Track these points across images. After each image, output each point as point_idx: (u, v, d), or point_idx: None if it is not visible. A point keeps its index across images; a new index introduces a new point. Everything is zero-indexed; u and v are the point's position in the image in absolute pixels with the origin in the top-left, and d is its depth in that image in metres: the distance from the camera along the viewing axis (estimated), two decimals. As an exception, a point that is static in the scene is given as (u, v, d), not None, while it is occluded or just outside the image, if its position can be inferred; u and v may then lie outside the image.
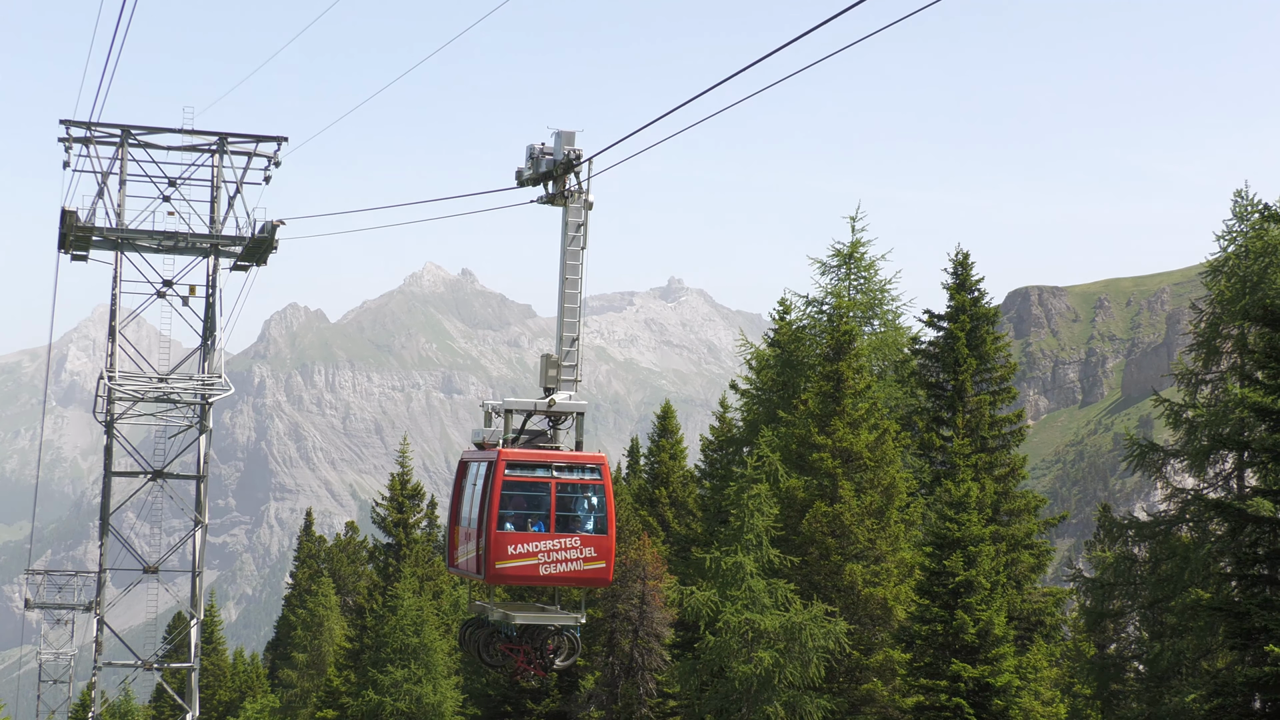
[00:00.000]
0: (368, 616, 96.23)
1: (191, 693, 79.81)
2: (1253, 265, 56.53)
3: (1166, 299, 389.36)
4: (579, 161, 41.54)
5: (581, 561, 41.33)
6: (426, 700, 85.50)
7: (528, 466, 41.45)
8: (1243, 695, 43.85)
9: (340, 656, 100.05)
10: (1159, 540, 58.28)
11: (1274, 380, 45.10)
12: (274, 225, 76.14)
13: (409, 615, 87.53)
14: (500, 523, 40.55)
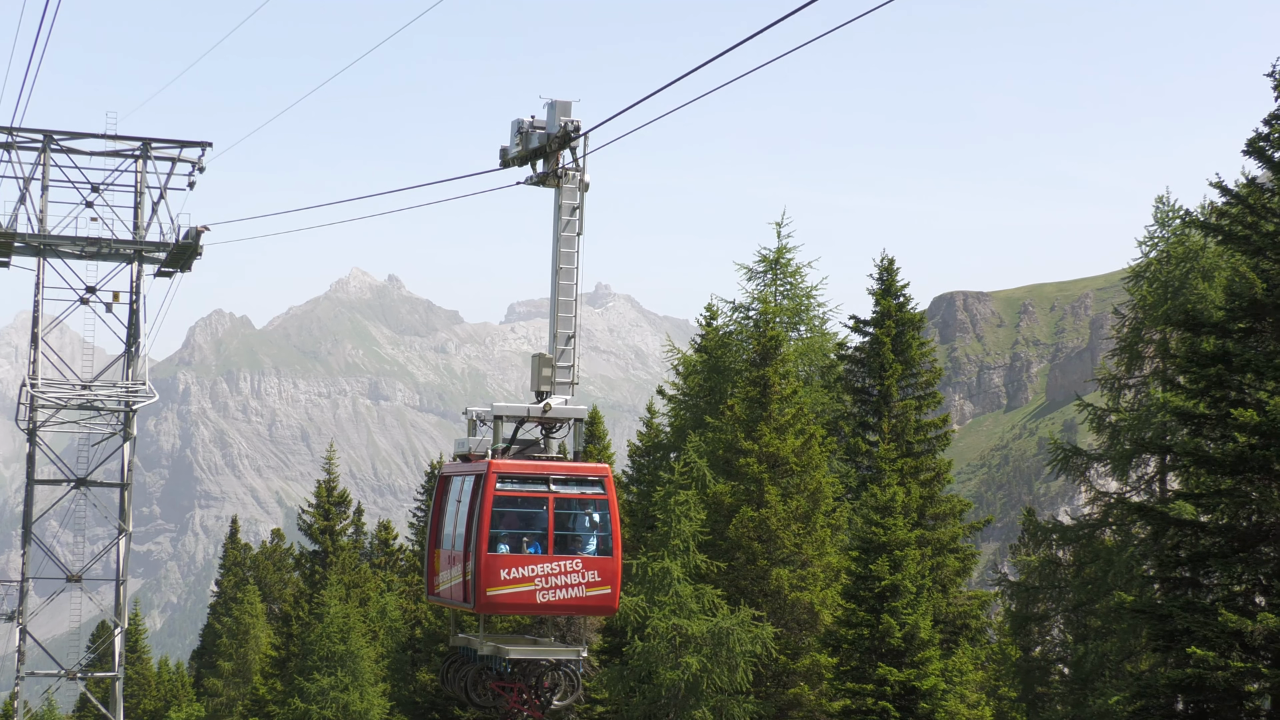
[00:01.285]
0: (294, 624, 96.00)
1: (116, 702, 79.41)
2: (1174, 271, 57.10)
3: (1090, 304, 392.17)
4: (577, 134, 37.39)
5: (584, 587, 36.52)
6: (354, 708, 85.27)
7: (522, 480, 36.77)
8: (1166, 697, 44.21)
9: (266, 665, 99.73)
10: (1083, 544, 58.79)
11: (1196, 385, 45.48)
12: (198, 231, 75.98)
13: (336, 623, 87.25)
14: (492, 544, 35.82)
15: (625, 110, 29.08)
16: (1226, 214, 47.20)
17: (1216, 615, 42.03)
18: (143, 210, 79.48)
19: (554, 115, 37.33)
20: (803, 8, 22.14)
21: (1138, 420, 56.30)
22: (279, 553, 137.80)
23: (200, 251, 77.19)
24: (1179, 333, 50.47)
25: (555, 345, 38.38)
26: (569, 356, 38.67)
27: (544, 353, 38.71)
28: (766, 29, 23.68)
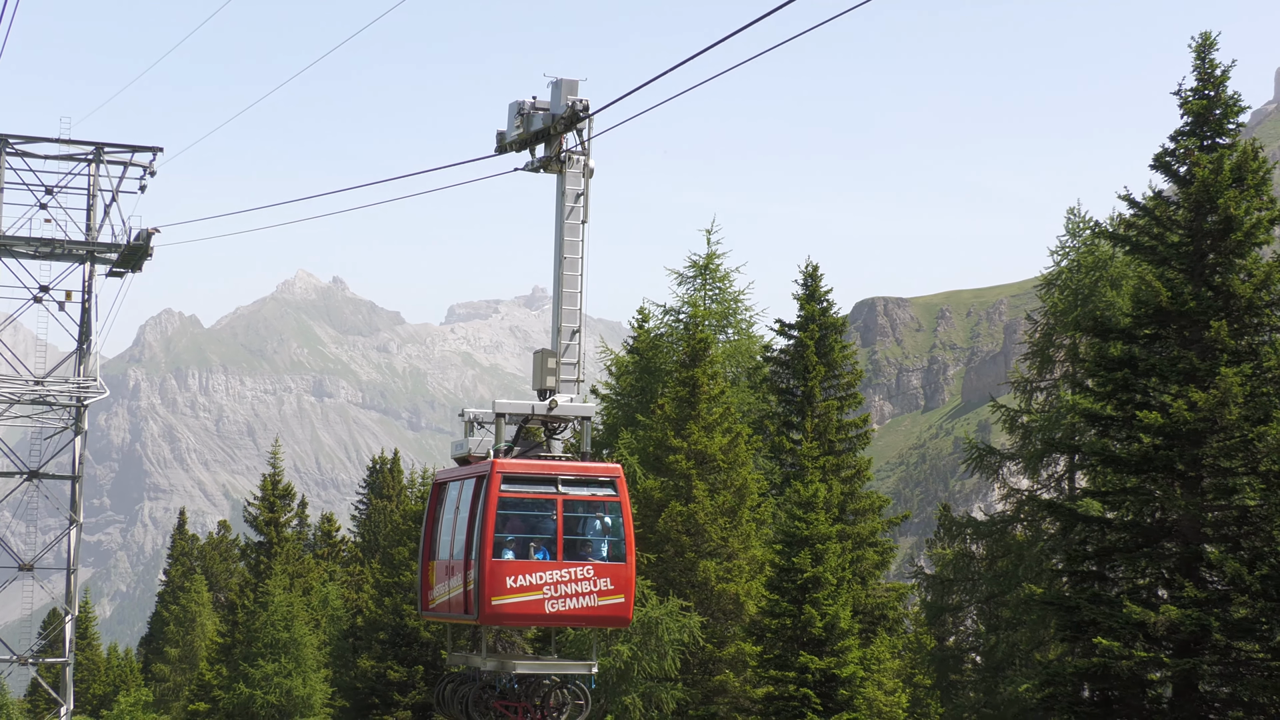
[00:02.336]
0: (239, 612, 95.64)
1: (66, 687, 78.86)
2: (1084, 279, 57.47)
3: (1004, 310, 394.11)
4: (585, 114, 33.34)
5: (595, 596, 31.99)
6: (296, 693, 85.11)
7: (528, 481, 32.46)
8: (1072, 685, 44.50)
9: (212, 651, 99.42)
10: (995, 538, 59.10)
11: (1103, 388, 45.82)
12: (149, 233, 75.60)
13: (280, 611, 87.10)
14: (497, 549, 31.47)
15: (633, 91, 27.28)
16: (1134, 225, 47.50)
17: (1121, 607, 42.35)
18: (95, 212, 79.05)
19: (559, 95, 33.74)
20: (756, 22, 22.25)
21: (1048, 421, 56.63)
22: (225, 543, 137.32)
23: (151, 253, 76.84)
24: (1088, 338, 50.83)
25: (559, 340, 34.43)
26: (574, 352, 34.52)
27: (546, 348, 34.73)
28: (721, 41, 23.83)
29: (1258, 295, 43.93)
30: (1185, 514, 43.44)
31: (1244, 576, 41.57)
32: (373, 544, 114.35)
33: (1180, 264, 44.92)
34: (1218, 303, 43.89)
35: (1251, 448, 42.77)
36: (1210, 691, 43.36)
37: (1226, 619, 41.43)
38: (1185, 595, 42.31)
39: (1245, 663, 42.34)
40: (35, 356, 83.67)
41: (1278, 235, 46.26)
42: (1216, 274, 44.43)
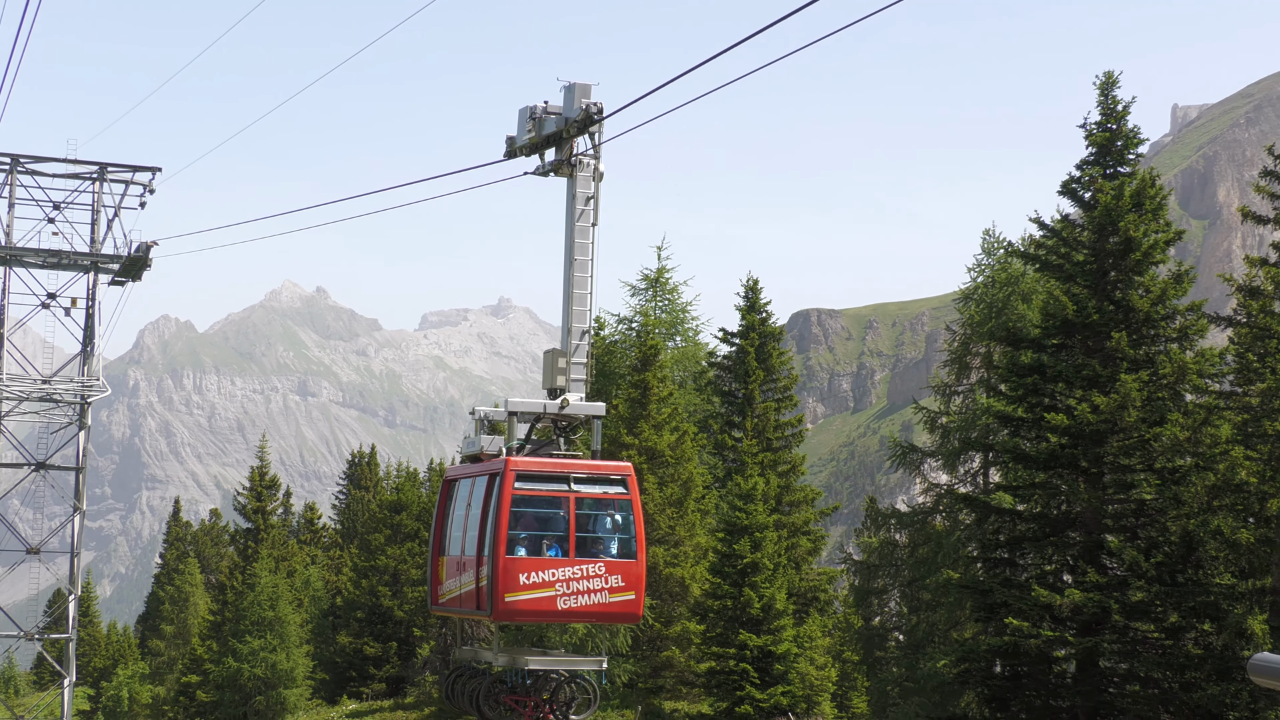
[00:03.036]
0: (229, 593, 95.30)
1: (69, 660, 78.50)
2: (998, 294, 57.61)
3: (926, 321, 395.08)
4: (600, 116, 30.85)
5: (607, 593, 29.68)
6: (281, 666, 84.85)
7: (541, 478, 30.05)
8: (985, 661, 44.65)
9: (204, 628, 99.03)
10: (916, 528, 59.15)
11: (1015, 392, 46.00)
12: (148, 245, 75.65)
13: (266, 591, 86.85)
14: (510, 546, 29.12)
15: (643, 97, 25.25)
16: (1043, 245, 47.70)
17: (1030, 591, 42.50)
18: (99, 226, 78.87)
19: (572, 98, 31.15)
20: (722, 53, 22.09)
21: (965, 422, 56.78)
22: (216, 530, 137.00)
23: (149, 263, 76.84)
24: (1001, 347, 50.96)
25: (570, 340, 31.95)
26: (583, 352, 32.28)
27: (556, 347, 32.43)
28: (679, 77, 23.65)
29: (1154, 309, 44.16)
30: (1088, 506, 43.65)
31: (1141, 563, 41.79)
32: (351, 531, 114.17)
33: (1085, 281, 45.12)
34: (1118, 316, 44.12)
35: (1148, 447, 43.02)
36: (1110, 668, 43.56)
37: (1125, 602, 41.63)
38: (1088, 580, 42.49)
39: (1142, 641, 42.56)
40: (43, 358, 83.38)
41: (1173, 255, 46.52)
42: (1117, 290, 44.66)
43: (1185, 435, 42.47)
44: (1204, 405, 43.27)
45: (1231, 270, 46.25)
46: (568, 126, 31.01)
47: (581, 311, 32.06)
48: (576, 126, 30.91)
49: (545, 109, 31.66)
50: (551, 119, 31.47)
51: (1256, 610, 39.65)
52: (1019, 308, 54.74)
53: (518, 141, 32.45)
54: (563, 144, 31.54)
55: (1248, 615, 39.26)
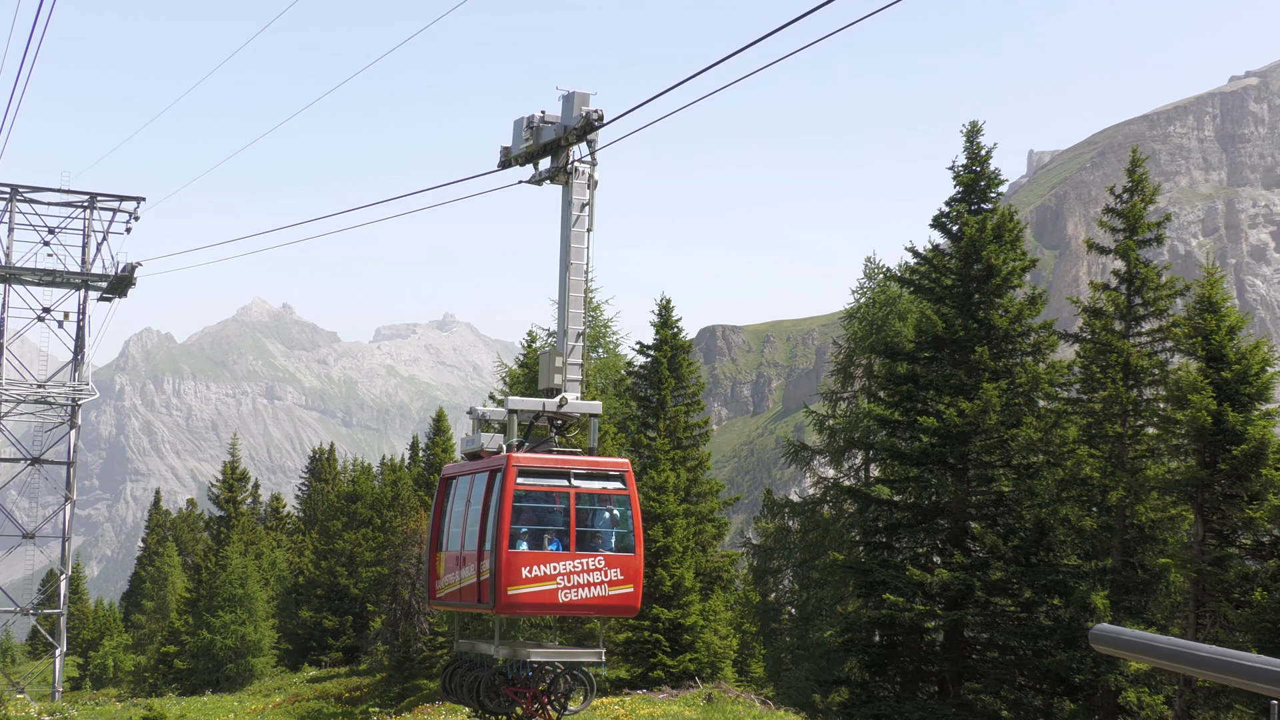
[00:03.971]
0: (203, 573, 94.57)
1: (60, 633, 77.84)
2: (878, 313, 57.91)
3: (816, 336, 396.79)
4: (600, 123, 28.11)
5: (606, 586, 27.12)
6: (249, 638, 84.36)
7: (542, 474, 27.27)
8: (866, 632, 44.87)
9: (181, 604, 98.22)
10: (807, 516, 59.37)
11: (892, 398, 46.31)
12: (133, 266, 75.61)
13: (236, 572, 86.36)
14: (512, 541, 26.57)
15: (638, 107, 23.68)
16: (917, 271, 48.01)
17: (905, 571, 42.75)
18: (89, 249, 78.68)
19: (571, 106, 28.43)
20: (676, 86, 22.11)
21: (849, 424, 57.04)
22: (192, 517, 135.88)
23: (134, 282, 76.77)
24: (880, 359, 51.29)
25: (566, 341, 29.16)
26: (578, 354, 29.54)
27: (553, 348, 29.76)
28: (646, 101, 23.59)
29: (1012, 327, 44.59)
30: (954, 497, 44.00)
31: (1000, 546, 42.16)
32: (312, 518, 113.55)
33: (952, 302, 45.49)
34: (981, 332, 44.50)
35: (1006, 446, 43.41)
36: (973, 637, 43.92)
37: (986, 580, 41.98)
38: (954, 561, 42.81)
39: (1000, 614, 42.93)
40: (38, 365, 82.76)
41: (1028, 280, 47.00)
42: (980, 310, 45.05)
43: (1038, 436, 42.93)
44: (1054, 410, 43.74)
45: (1078, 294, 46.76)
46: (566, 134, 28.55)
47: (577, 314, 29.48)
48: (576, 134, 28.47)
49: (543, 118, 29.18)
50: (548, 127, 29.00)
51: (1099, 587, 40.09)
52: (896, 325, 55.07)
53: (513, 151, 29.83)
54: (559, 152, 29.02)
55: (1091, 591, 39.68)
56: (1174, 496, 39.14)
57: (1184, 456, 38.95)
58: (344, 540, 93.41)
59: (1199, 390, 37.64)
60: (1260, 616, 34.69)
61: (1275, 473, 37.03)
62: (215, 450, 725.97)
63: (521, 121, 29.26)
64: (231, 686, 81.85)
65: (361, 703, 65.43)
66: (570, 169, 28.68)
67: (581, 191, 28.86)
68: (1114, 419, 41.15)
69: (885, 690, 43.97)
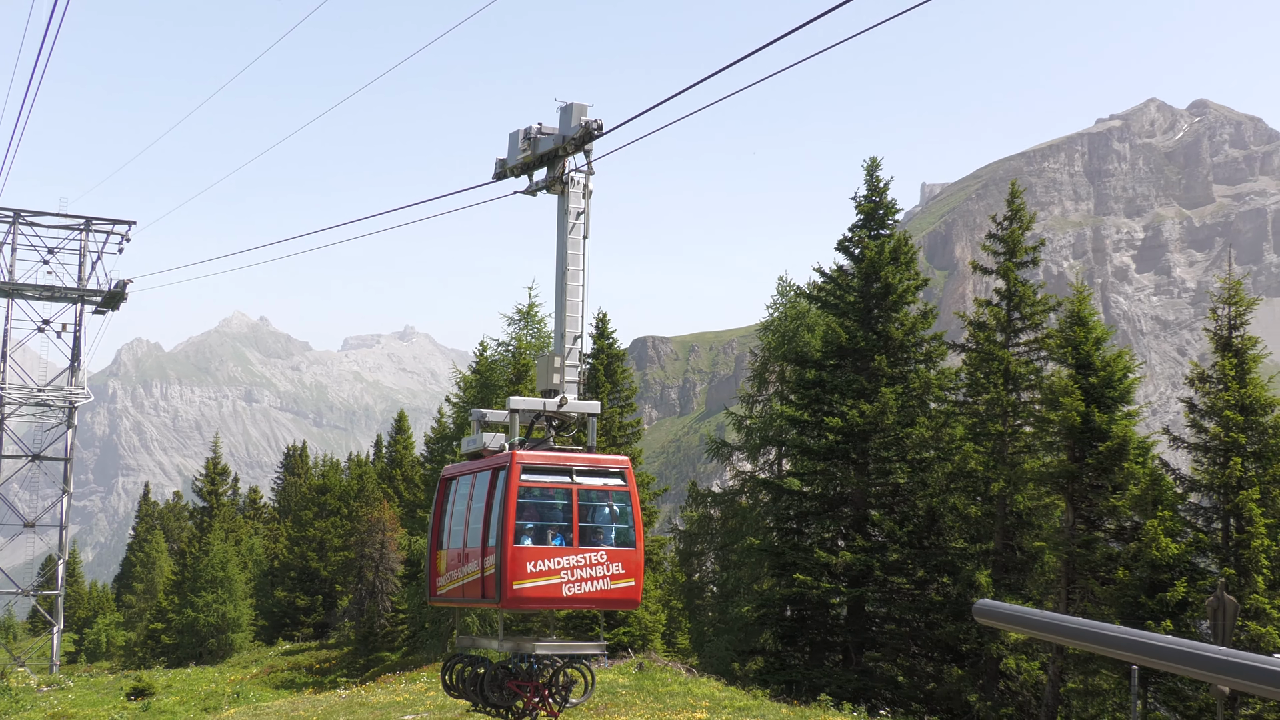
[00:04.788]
0: (187, 557, 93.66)
1: (58, 612, 76.97)
2: (789, 325, 58.12)
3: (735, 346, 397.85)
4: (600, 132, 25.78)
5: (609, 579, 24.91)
6: (229, 616, 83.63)
7: (545, 471, 24.94)
8: (779, 607, 44.99)
9: (167, 585, 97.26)
10: (727, 505, 59.49)
11: (801, 401, 46.45)
12: (124, 283, 75.37)
13: (217, 556, 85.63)
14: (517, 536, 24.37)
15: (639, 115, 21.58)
16: (824, 289, 48.20)
17: (813, 553, 42.89)
18: (85, 267, 78.08)
19: (569, 117, 26.04)
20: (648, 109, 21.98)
21: (764, 424, 57.22)
22: (178, 508, 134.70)
23: (126, 297, 76.53)
24: (791, 366, 51.46)
25: (564, 344, 26.83)
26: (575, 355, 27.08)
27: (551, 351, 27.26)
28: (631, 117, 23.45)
29: (907, 338, 44.86)
30: (856, 488, 44.19)
31: (896, 532, 42.38)
32: (286, 508, 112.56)
33: (854, 316, 45.72)
34: (880, 343, 44.73)
35: (902, 443, 43.67)
36: (873, 611, 44.10)
37: (884, 561, 42.18)
38: (856, 545, 42.99)
39: (896, 591, 43.16)
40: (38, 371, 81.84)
41: (921, 297, 47.29)
42: (879, 323, 45.29)
43: (929, 434, 43.19)
44: (943, 411, 44.02)
45: (965, 309, 47.11)
46: (565, 144, 26.09)
47: (574, 318, 26.88)
48: (574, 144, 26.00)
49: (540, 129, 26.76)
50: (546, 138, 26.56)
51: (982, 567, 40.39)
52: (805, 336, 55.27)
53: (509, 162, 27.28)
54: (555, 162, 26.57)
55: (976, 571, 39.96)
56: (1048, 487, 39.49)
57: (1056, 452, 39.32)
58: (314, 528, 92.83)
59: (1069, 394, 38.04)
60: (1122, 592, 35.07)
61: (1135, 466, 37.48)
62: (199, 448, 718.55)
63: (518, 134, 27.12)
64: (213, 659, 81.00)
65: (330, 673, 64.89)
66: (566, 179, 26.49)
67: (578, 200, 26.61)
68: (995, 419, 41.47)
69: (795, 659, 44.09)
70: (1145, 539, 34.96)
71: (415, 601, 58.26)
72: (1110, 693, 37.26)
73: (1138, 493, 36.53)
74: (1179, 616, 33.92)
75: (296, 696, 49.58)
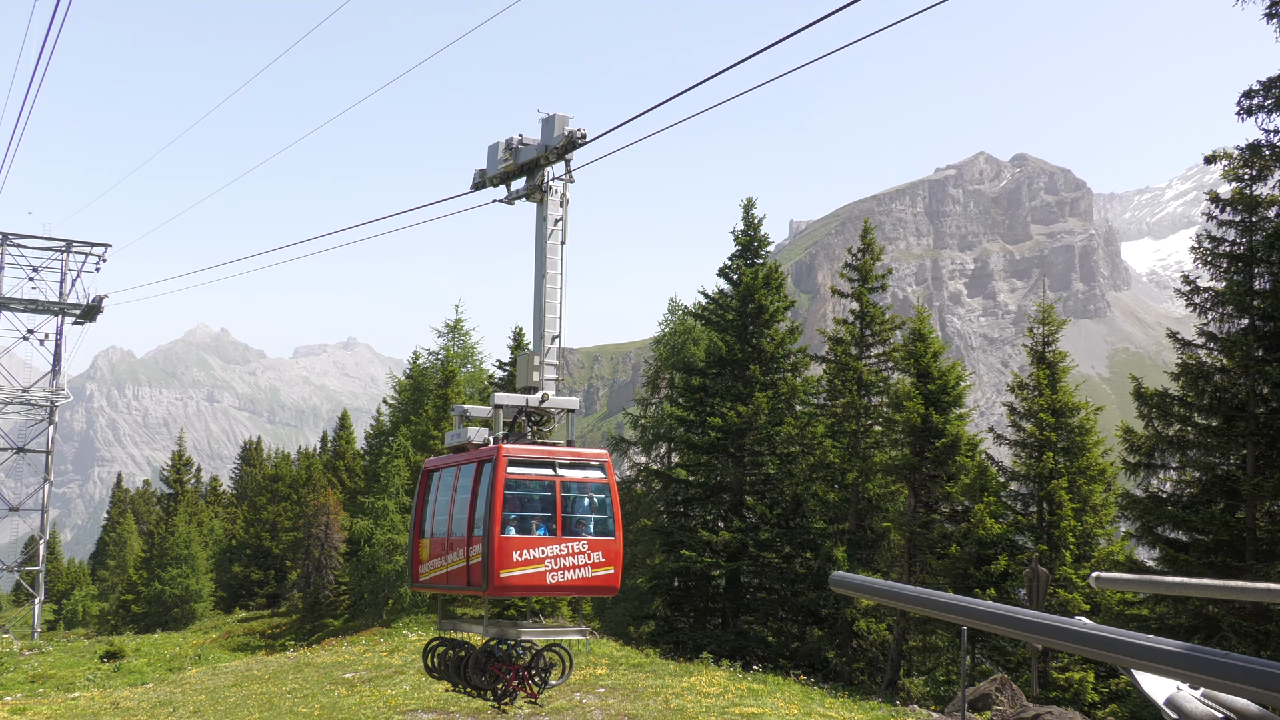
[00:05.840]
0: (155, 538, 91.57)
1: (39, 585, 74.97)
2: (677, 340, 58.34)
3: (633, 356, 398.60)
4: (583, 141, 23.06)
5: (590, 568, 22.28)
6: (192, 588, 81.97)
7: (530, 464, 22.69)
8: (668, 579, 45.00)
9: (137, 562, 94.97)
10: (625, 492, 59.48)
11: (687, 403, 46.57)
12: (100, 298, 74.15)
13: (182, 536, 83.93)
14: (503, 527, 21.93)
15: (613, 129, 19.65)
16: (707, 308, 48.42)
17: (697, 533, 43.00)
18: (66, 284, 76.33)
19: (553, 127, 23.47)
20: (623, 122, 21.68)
21: (656, 423, 57.33)
22: (147, 494, 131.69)
23: (102, 310, 75.16)
24: (679, 374, 51.65)
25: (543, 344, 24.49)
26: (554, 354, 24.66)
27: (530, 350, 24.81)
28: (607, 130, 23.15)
29: (777, 351, 45.18)
30: (734, 477, 44.39)
31: (767, 514, 42.63)
32: (243, 494, 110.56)
33: (733, 332, 45.97)
34: (754, 355, 45.02)
35: (772, 439, 43.95)
36: (747, 582, 44.32)
37: (757, 539, 42.42)
38: (733, 525, 43.18)
39: (767, 565, 43.38)
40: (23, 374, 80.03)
41: (789, 316, 47.68)
42: (753, 338, 45.57)
43: (795, 432, 43.55)
44: (807, 412, 44.41)
45: (826, 327, 47.63)
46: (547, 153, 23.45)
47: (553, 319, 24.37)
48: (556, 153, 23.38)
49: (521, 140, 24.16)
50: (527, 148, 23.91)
51: (839, 544, 40.77)
52: (691, 349, 55.50)
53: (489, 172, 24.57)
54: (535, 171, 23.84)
55: (834, 547, 40.34)
56: (893, 477, 39.99)
57: (901, 447, 39.84)
58: (268, 512, 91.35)
59: (911, 398, 38.58)
60: (954, 565, 35.62)
61: (966, 459, 38.09)
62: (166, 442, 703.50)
63: (497, 145, 24.59)
64: (177, 626, 79.25)
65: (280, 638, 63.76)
66: (545, 187, 23.79)
67: (555, 208, 23.92)
68: (850, 419, 41.92)
69: (682, 623, 44.15)
70: (973, 520, 35.57)
71: (355, 575, 57.45)
72: (944, 649, 37.82)
73: (967, 481, 37.18)
74: (1001, 585, 34.54)
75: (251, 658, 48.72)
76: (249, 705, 31.64)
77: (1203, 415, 26.26)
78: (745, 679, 31.51)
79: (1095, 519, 34.76)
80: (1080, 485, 34.96)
